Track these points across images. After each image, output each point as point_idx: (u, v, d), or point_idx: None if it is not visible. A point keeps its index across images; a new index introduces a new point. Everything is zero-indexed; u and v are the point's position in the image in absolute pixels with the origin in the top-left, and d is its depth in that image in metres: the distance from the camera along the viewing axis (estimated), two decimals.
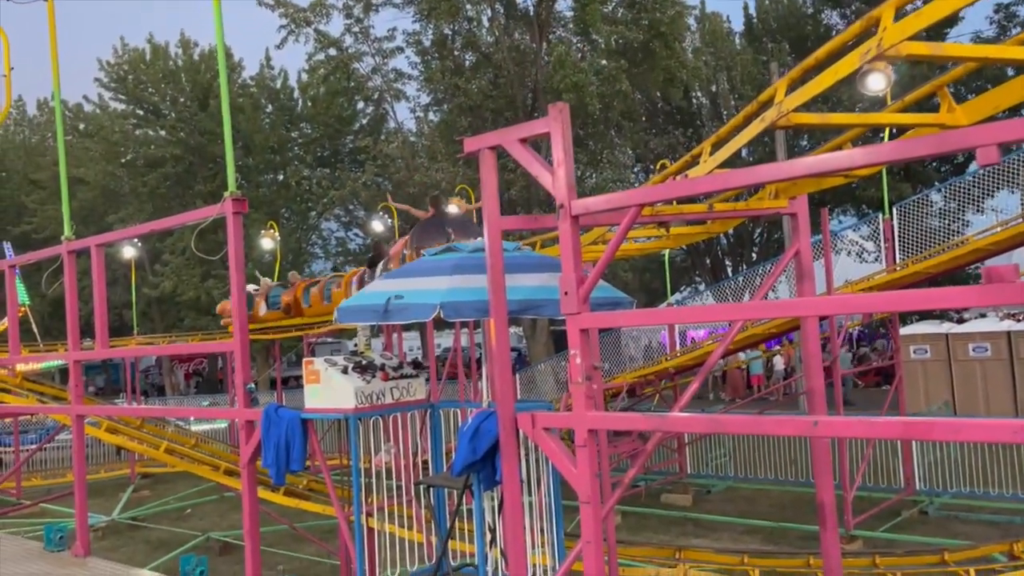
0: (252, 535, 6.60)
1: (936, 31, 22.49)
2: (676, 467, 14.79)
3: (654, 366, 16.32)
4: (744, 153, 27.69)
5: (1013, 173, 12.48)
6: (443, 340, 34.50)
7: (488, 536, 5.78)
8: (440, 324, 23.89)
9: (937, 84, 5.27)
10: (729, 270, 33.05)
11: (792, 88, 5.07)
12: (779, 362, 25.95)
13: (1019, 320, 19.43)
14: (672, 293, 28.33)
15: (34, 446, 16.94)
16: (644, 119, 30.69)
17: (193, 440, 13.64)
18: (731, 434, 13.59)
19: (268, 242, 24.17)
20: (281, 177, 34.76)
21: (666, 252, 24.75)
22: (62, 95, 8.94)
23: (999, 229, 10.76)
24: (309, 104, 35.91)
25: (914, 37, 4.39)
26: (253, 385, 24.20)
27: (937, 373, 19.30)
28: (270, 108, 35.85)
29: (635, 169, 31.12)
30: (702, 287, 34.11)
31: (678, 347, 17.56)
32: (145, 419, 12.65)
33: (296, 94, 36.67)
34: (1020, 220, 10.77)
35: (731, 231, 30.97)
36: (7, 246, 18.46)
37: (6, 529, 10.80)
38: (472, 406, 6.09)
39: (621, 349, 26.58)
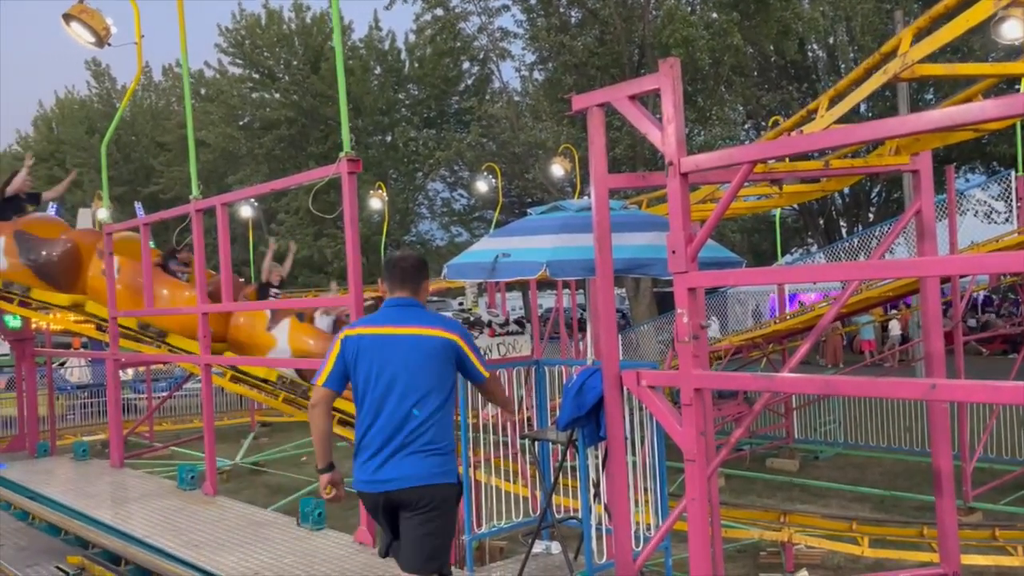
0: None
1: None
2: (783, 432, 14.52)
3: (761, 329, 15.98)
4: (863, 108, 26.38)
5: None
6: (544, 300, 34.69)
7: (592, 491, 5.87)
8: (542, 284, 24.07)
9: None
10: (844, 231, 31.77)
11: (919, 38, 4.80)
12: (895, 327, 24.90)
13: None
14: (782, 255, 27.52)
15: (165, 393, 18.10)
16: (756, 74, 29.58)
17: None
18: (842, 396, 13.19)
19: (376, 202, 24.90)
20: (389, 138, 35.40)
21: (776, 212, 24.02)
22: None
23: None
24: (416, 65, 36.33)
25: None
26: None
27: None
28: (378, 70, 36.42)
29: (745, 126, 30.16)
30: (814, 248, 32.98)
31: (787, 311, 17.11)
32: None
33: (403, 55, 37.13)
34: None
35: (847, 190, 29.72)
36: (138, 206, 19.69)
37: (142, 468, 11.67)
38: (576, 364, 6.14)
39: (727, 313, 26.11)
